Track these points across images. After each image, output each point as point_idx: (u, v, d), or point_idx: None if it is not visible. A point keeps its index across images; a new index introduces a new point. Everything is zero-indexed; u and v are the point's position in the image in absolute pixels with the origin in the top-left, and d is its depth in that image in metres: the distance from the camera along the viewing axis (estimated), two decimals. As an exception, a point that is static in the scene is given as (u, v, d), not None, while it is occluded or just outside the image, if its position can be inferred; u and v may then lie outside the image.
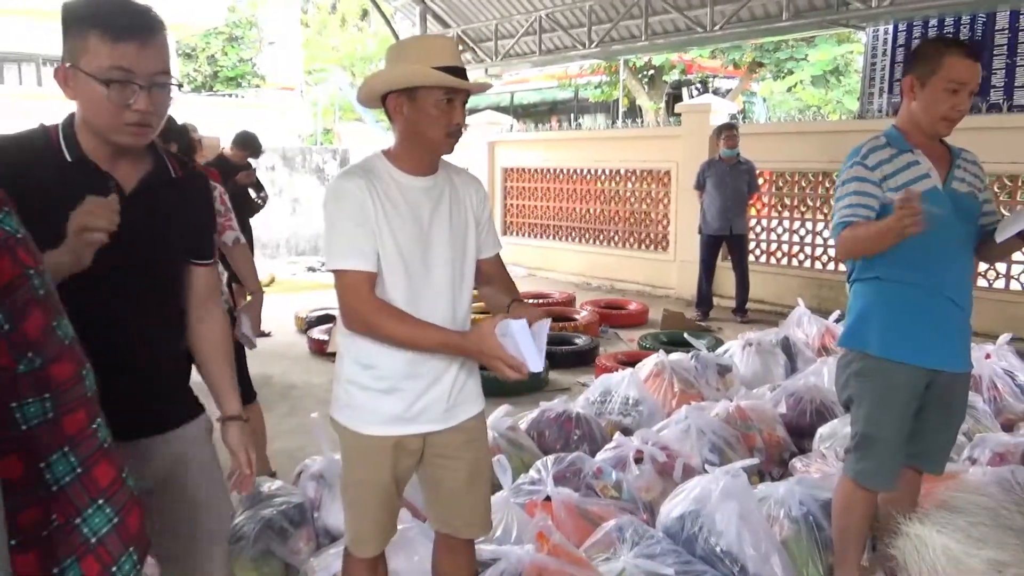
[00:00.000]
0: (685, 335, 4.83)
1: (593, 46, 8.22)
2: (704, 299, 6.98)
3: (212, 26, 18.95)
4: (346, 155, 13.96)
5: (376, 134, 15.63)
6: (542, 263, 9.82)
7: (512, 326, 1.58)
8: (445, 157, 1.84)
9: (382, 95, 1.77)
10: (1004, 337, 4.35)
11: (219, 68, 22.36)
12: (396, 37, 10.70)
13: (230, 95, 20.51)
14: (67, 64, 1.33)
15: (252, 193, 6.00)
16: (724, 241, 6.83)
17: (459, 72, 1.74)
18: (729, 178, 6.60)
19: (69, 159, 1.37)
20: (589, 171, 9.54)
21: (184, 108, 4.44)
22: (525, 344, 1.57)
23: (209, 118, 6.95)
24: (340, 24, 26.77)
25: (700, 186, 6.86)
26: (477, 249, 1.88)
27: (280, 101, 19.66)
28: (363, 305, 1.67)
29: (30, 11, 13.50)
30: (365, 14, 25.31)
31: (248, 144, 6.01)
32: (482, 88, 1.90)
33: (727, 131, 6.64)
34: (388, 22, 10.46)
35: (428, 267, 1.75)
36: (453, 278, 1.79)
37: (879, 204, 2.13)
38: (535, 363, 1.59)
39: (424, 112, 1.71)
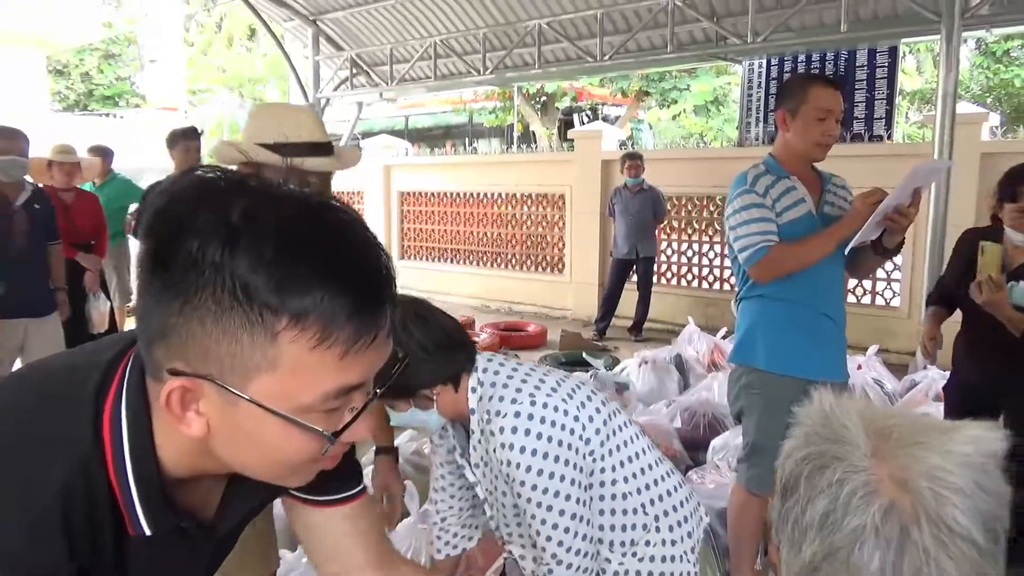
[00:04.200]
0: (584, 355, 4.94)
1: (487, 72, 8.35)
2: (606, 315, 7.18)
3: (87, 42, 17.96)
4: (235, 178, 13.52)
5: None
6: (439, 287, 9.81)
7: None
8: None
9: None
10: (872, 349, 4.70)
11: (94, 86, 21.19)
12: (288, 59, 10.49)
13: (106, 115, 19.45)
14: None
15: None
16: (633, 264, 7.09)
17: (320, 148, 1.66)
18: (633, 205, 6.89)
19: None
20: (485, 195, 9.63)
21: (54, 128, 4.16)
22: None
23: (84, 138, 6.57)
24: (227, 44, 25.96)
25: (611, 213, 7.15)
26: None
27: (162, 121, 18.81)
28: None
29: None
30: (253, 33, 24.66)
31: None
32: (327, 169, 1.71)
33: (630, 160, 6.92)
34: (279, 43, 10.24)
35: None
36: None
37: (777, 228, 2.27)
38: None
39: None
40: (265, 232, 0.62)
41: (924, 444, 0.66)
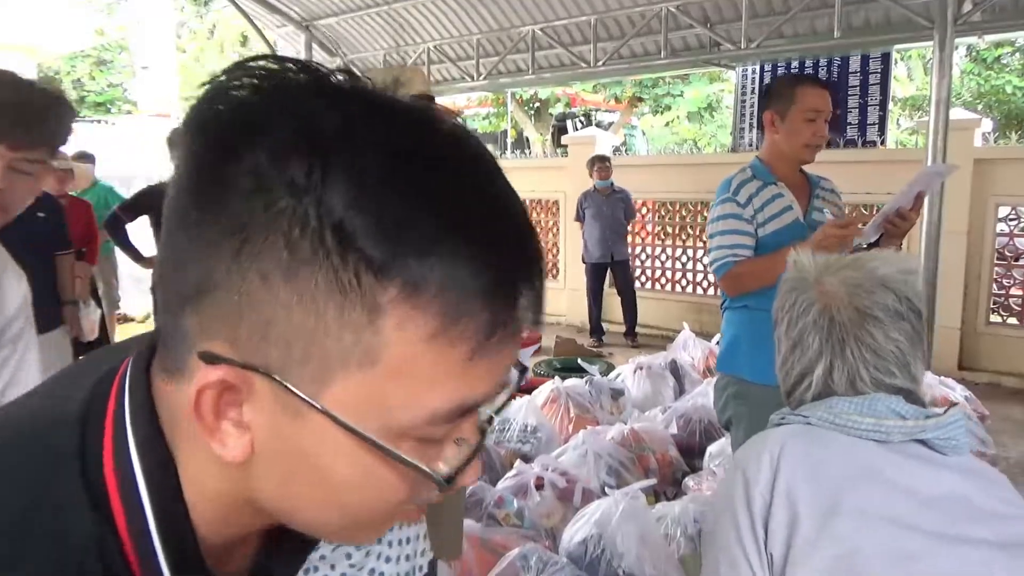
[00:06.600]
0: (578, 361, 4.93)
1: (481, 78, 8.35)
2: (596, 326, 7.16)
3: (78, 49, 17.92)
4: (228, 184, 13.50)
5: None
6: (434, 293, 9.78)
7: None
8: None
9: None
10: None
11: (86, 93, 21.13)
12: (280, 65, 10.46)
13: (98, 121, 19.39)
14: None
15: None
16: (608, 268, 7.07)
17: (427, 99, 1.84)
18: (605, 207, 6.88)
19: None
20: (479, 201, 9.61)
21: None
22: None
23: (75, 145, 6.53)
24: (219, 51, 25.93)
25: (580, 218, 7.13)
26: None
27: (154, 128, 18.76)
28: None
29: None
30: (246, 40, 24.64)
31: None
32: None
33: (599, 163, 6.92)
34: (272, 49, 10.23)
35: None
36: None
37: (754, 240, 2.25)
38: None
39: None
40: (370, 154, 0.40)
41: (850, 266, 1.05)
